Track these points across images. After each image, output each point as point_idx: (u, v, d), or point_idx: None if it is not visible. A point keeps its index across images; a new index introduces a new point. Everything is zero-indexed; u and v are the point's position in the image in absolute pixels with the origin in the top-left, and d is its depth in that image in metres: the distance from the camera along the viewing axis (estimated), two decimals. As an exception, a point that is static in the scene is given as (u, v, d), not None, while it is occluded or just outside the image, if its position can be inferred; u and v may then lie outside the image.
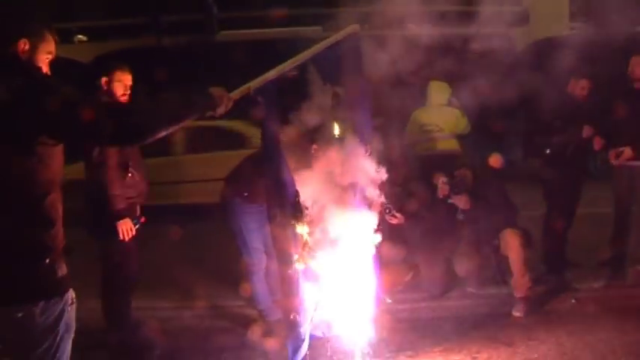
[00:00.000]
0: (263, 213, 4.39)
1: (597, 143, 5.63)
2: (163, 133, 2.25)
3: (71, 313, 2.22)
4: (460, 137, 6.15)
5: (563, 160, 5.61)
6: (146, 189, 4.43)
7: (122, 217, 4.12)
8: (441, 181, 5.14)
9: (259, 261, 4.63)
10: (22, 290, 2.05)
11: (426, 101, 6.29)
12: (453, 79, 6.23)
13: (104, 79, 4.10)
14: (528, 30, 10.25)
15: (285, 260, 3.56)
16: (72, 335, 2.24)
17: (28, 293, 2.06)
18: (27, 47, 2.15)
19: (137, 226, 4.26)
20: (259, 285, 4.68)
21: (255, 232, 4.60)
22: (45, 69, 2.22)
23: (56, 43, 2.29)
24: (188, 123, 2.41)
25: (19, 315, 2.04)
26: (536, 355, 4.08)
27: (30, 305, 2.05)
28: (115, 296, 4.28)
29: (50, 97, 2.04)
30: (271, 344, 4.30)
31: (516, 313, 4.79)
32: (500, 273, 5.18)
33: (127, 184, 4.19)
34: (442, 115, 6.19)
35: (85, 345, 3.89)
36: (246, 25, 10.53)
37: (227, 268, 6.02)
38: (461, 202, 5.09)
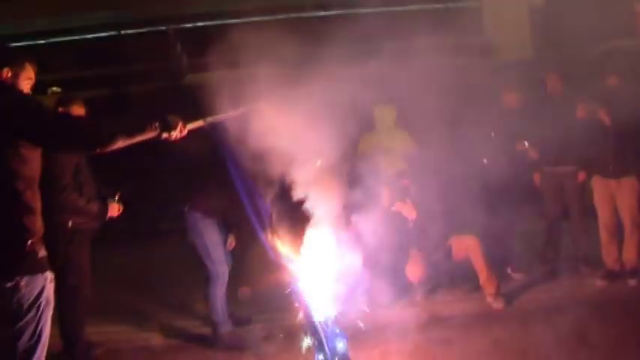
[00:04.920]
0: (222, 226, 4.88)
1: (533, 153, 5.87)
2: (119, 146, 2.74)
3: (50, 290, 2.59)
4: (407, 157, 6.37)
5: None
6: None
7: None
8: (385, 192, 5.39)
9: (224, 272, 4.82)
10: (10, 266, 2.46)
11: (374, 125, 6.51)
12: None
13: (61, 109, 4.54)
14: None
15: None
16: (52, 309, 2.62)
17: (15, 268, 2.47)
18: (10, 74, 2.69)
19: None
20: (220, 297, 4.83)
21: (219, 245, 4.85)
22: (26, 90, 2.75)
23: (35, 70, 2.83)
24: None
25: (8, 285, 2.44)
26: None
27: (17, 278, 2.45)
28: (70, 317, 4.51)
29: (29, 109, 2.57)
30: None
31: (498, 305, 5.13)
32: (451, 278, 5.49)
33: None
34: (391, 137, 6.42)
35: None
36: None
37: (177, 290, 6.19)
38: (405, 209, 5.33)
